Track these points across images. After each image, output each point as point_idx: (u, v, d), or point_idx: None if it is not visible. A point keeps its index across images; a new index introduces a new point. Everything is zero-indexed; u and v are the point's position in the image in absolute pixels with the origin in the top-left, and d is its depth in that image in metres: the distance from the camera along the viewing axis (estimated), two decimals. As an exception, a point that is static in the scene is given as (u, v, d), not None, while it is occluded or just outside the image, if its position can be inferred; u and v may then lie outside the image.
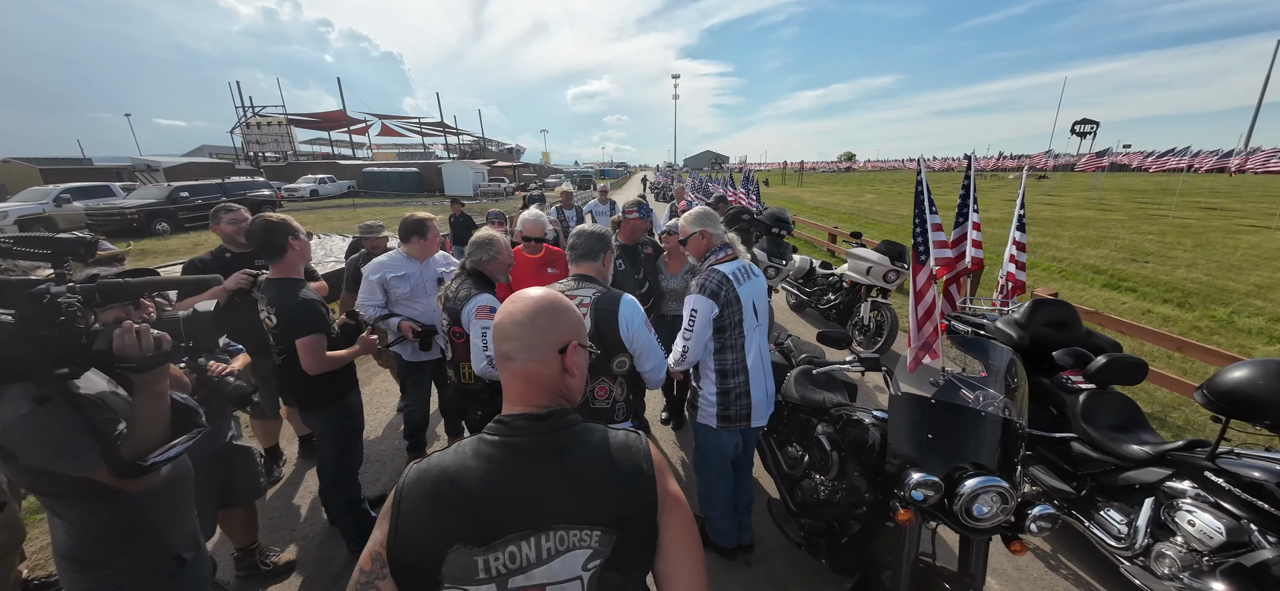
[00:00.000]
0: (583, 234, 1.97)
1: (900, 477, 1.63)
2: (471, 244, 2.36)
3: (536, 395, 0.85)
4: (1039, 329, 2.92)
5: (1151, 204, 21.86)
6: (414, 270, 2.84)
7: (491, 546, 0.75)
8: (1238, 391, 1.80)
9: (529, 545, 0.76)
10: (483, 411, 2.37)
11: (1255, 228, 14.68)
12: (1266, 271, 9.17)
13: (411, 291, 2.82)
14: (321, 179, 33.12)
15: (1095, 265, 9.88)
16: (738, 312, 2.04)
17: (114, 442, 1.14)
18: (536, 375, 0.85)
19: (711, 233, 2.20)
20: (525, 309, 0.87)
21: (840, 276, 5.81)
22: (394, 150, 67.82)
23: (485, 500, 0.76)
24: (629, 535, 0.81)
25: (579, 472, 0.81)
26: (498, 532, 0.76)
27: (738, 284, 2.06)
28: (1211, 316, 6.76)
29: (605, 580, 0.80)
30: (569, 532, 0.78)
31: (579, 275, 1.92)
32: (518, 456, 0.80)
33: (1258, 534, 1.71)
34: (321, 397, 2.26)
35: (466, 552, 0.74)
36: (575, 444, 0.83)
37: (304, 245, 2.22)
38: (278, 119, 46.11)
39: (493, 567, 0.75)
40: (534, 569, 0.76)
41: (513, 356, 0.85)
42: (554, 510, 0.78)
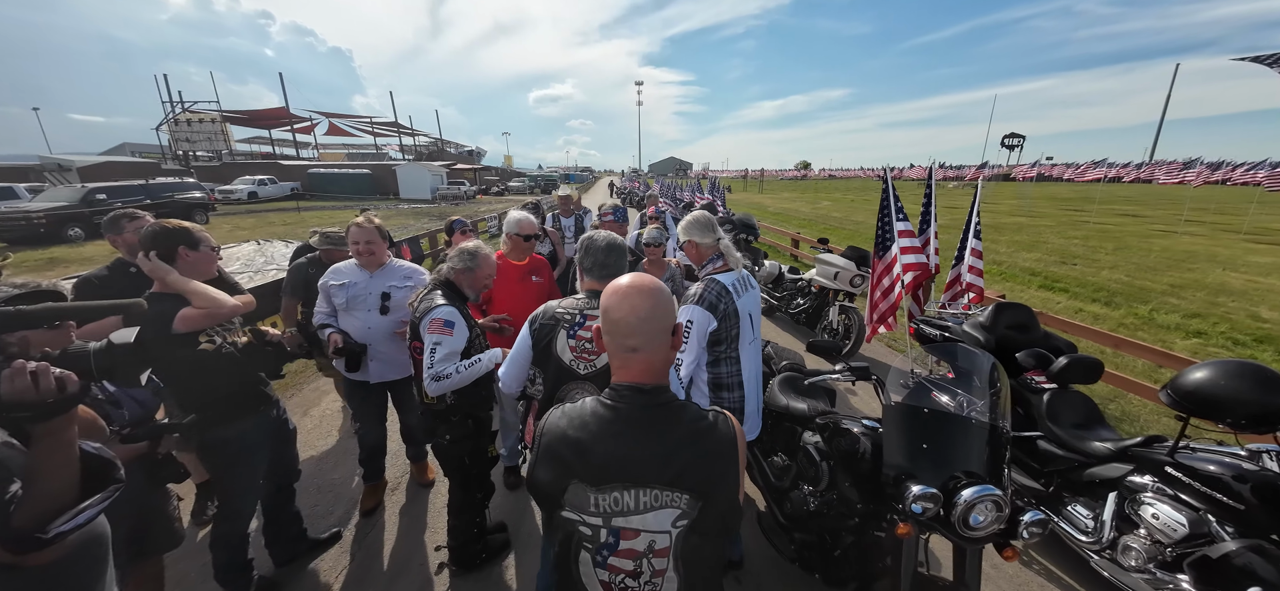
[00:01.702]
0: (611, 249, 1.77)
1: (897, 490, 1.61)
2: (455, 251, 2.18)
3: (648, 375, 0.99)
4: (1003, 332, 3.05)
5: (1075, 211, 23.93)
6: (358, 279, 2.58)
7: (601, 488, 0.93)
8: (1200, 391, 1.91)
9: (629, 495, 0.93)
10: (452, 436, 2.17)
11: (1165, 232, 16.34)
12: (1177, 272, 10.18)
13: (348, 302, 2.56)
14: (261, 180, 30.85)
15: (1031, 268, 10.64)
16: (736, 326, 1.96)
17: (6, 508, 0.93)
18: (653, 361, 0.99)
19: (700, 242, 2.12)
20: (642, 304, 0.98)
21: (809, 281, 5.93)
22: (343, 151, 64.38)
23: (596, 452, 0.94)
24: (712, 505, 0.95)
25: (674, 444, 0.95)
26: (606, 478, 0.93)
27: (737, 296, 1.98)
28: (1135, 314, 7.40)
29: (689, 540, 0.95)
30: (661, 493, 0.93)
31: (597, 292, 1.72)
32: (624, 421, 0.95)
33: (1216, 525, 1.82)
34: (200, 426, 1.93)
35: (582, 488, 0.93)
36: (672, 418, 0.97)
37: (202, 258, 1.94)
38: (211, 115, 42.67)
39: (601, 505, 0.93)
40: (632, 516, 0.93)
41: (639, 348, 0.98)
42: (650, 471, 0.93)
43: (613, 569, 0.95)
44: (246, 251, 12.20)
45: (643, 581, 0.95)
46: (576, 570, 0.97)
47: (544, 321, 1.66)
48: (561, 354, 1.61)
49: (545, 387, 1.67)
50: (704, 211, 2.26)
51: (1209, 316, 7.14)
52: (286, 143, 55.32)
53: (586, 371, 1.60)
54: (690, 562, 0.96)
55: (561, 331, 1.62)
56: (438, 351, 1.92)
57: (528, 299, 2.74)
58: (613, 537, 0.94)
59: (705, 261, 2.14)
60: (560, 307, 1.67)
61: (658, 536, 0.93)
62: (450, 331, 1.94)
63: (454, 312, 1.99)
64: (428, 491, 3.11)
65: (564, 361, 1.61)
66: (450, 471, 2.29)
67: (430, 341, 1.93)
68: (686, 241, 2.15)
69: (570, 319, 1.63)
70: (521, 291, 2.86)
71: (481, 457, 2.28)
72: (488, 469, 2.35)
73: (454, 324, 1.96)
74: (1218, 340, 6.26)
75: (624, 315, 0.97)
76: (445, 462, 2.28)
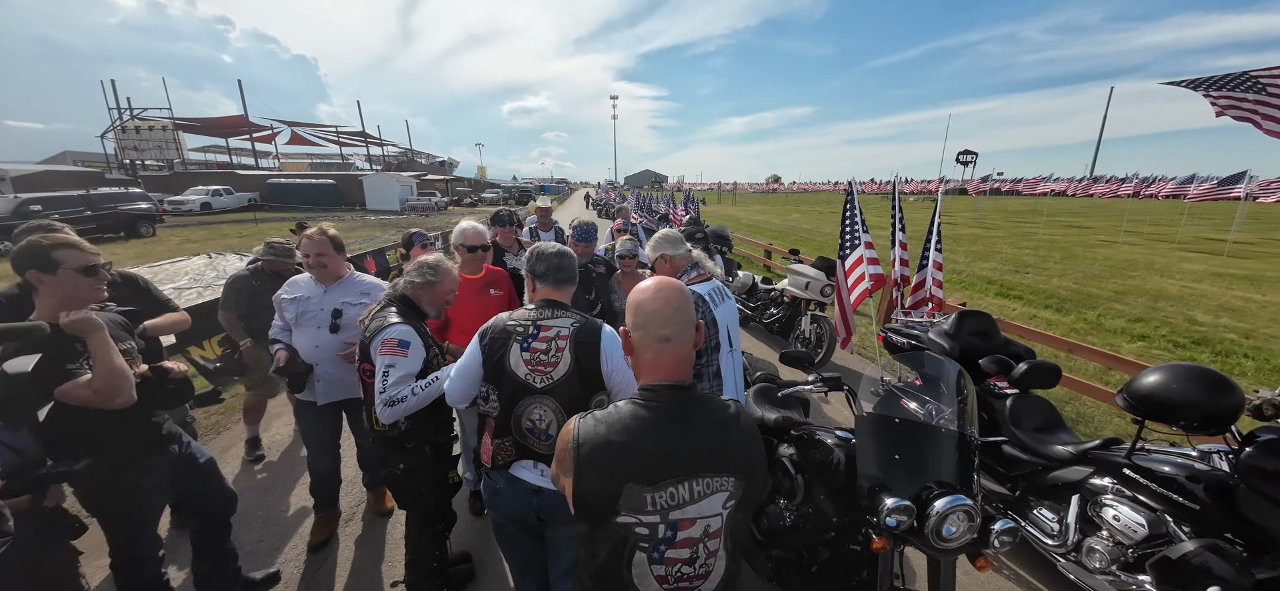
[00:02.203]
0: (555, 255, 1.70)
1: (871, 502, 1.58)
2: (413, 265, 2.03)
3: (681, 370, 1.06)
4: (966, 339, 3.12)
5: (1025, 223, 25.35)
6: (311, 294, 2.42)
7: (656, 486, 0.97)
8: (1154, 395, 1.98)
9: (683, 487, 0.98)
10: (407, 465, 2.00)
11: (1107, 243, 17.44)
12: (1120, 279, 10.84)
13: (298, 317, 2.41)
14: (216, 190, 29.38)
15: (987, 276, 11.14)
16: (714, 337, 1.91)
17: None
18: (684, 353, 1.06)
19: (673, 255, 2.08)
20: (673, 295, 1.07)
21: (781, 291, 6.00)
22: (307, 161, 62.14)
23: (645, 451, 0.98)
24: (752, 482, 1.05)
25: (715, 431, 1.03)
26: (661, 475, 0.97)
27: (714, 306, 1.94)
28: (1084, 319, 7.80)
29: (736, 518, 1.04)
30: (713, 478, 1.00)
31: (550, 301, 1.65)
32: (668, 418, 1.01)
33: (1174, 525, 1.87)
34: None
35: (637, 489, 0.96)
36: (705, 409, 1.05)
37: (64, 283, 1.63)
38: (162, 123, 40.51)
39: (658, 501, 0.97)
40: (687, 506, 0.98)
41: (673, 338, 1.05)
42: (700, 460, 1.00)
43: (669, 562, 0.99)
44: (196, 265, 11.52)
45: (697, 566, 1.01)
46: (628, 574, 0.99)
47: (494, 335, 1.57)
48: (515, 368, 1.53)
49: (500, 405, 1.57)
50: (670, 228, 2.23)
51: (1150, 320, 7.60)
52: (245, 152, 53.00)
53: (542, 385, 1.52)
54: (735, 537, 1.05)
55: (514, 345, 1.54)
56: (391, 374, 1.76)
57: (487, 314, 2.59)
58: (670, 531, 0.98)
59: (681, 274, 2.09)
60: (511, 320, 1.59)
61: (712, 520, 1.00)
62: (405, 352, 1.80)
63: (410, 331, 1.86)
64: (386, 521, 2.91)
65: (519, 376, 1.53)
66: (407, 503, 2.13)
67: (382, 363, 1.78)
68: (659, 257, 2.09)
69: (523, 331, 1.56)
70: (479, 307, 2.68)
71: (441, 486, 2.12)
72: (448, 497, 2.19)
73: (409, 344, 1.83)
74: (1160, 343, 6.66)
75: (659, 306, 1.05)
76: (401, 494, 2.12)
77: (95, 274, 1.73)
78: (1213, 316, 7.89)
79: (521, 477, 1.57)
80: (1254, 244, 17.06)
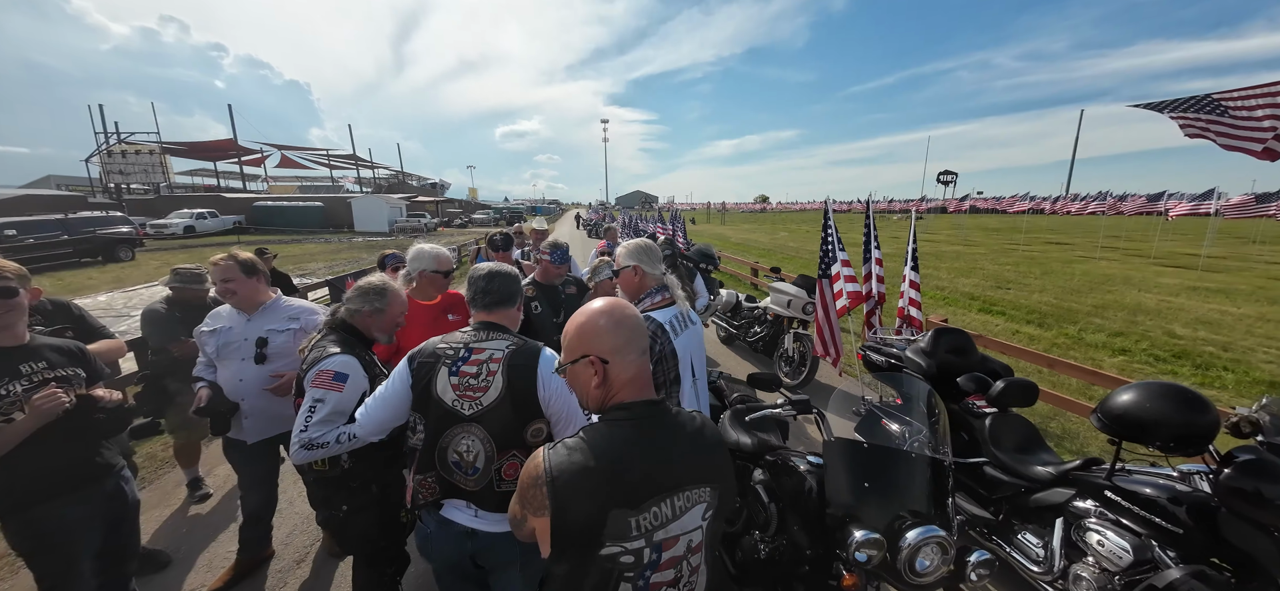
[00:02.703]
0: (493, 276, 1.61)
1: (841, 534, 1.50)
2: (356, 290, 1.88)
3: (648, 386, 1.05)
4: (943, 357, 3.07)
5: (1005, 240, 25.83)
6: (233, 324, 2.25)
7: (640, 508, 0.93)
8: (1128, 415, 1.92)
9: (665, 505, 0.95)
10: (350, 505, 1.84)
11: (1085, 258, 17.78)
12: (1099, 294, 10.99)
13: (218, 351, 2.24)
14: (199, 213, 29.01)
15: (970, 293, 11.24)
16: (673, 369, 1.75)
17: None
18: (647, 368, 1.05)
19: (647, 271, 1.94)
20: (631, 313, 1.06)
21: (764, 309, 5.96)
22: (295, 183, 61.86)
23: (630, 472, 0.94)
24: (725, 489, 1.05)
25: (690, 443, 1.02)
26: (643, 497, 0.93)
27: (674, 335, 1.79)
28: (1065, 334, 7.85)
29: (713, 526, 1.03)
30: (693, 490, 0.99)
31: (487, 323, 1.55)
32: (646, 434, 0.98)
33: (1159, 551, 1.79)
34: None
35: (622, 514, 0.91)
36: (678, 422, 1.03)
37: None
38: (149, 147, 40.14)
39: (642, 525, 0.93)
40: (670, 524, 0.95)
41: (646, 351, 1.05)
42: (681, 474, 0.98)
43: (654, 586, 0.95)
44: (172, 290, 11.22)
45: (681, 585, 0.98)
46: None
47: (423, 358, 1.47)
48: (442, 394, 1.42)
49: (426, 435, 1.45)
50: (649, 239, 2.11)
51: (1131, 334, 7.67)
52: (232, 175, 52.63)
53: (471, 412, 1.41)
54: (712, 547, 1.05)
55: (442, 368, 1.44)
56: (317, 410, 1.56)
57: None
58: (656, 554, 0.94)
59: (646, 295, 1.97)
60: (442, 343, 1.50)
61: (694, 534, 0.99)
62: (340, 386, 1.62)
63: (350, 363, 1.69)
64: (340, 563, 2.71)
65: (446, 402, 1.42)
66: (351, 547, 1.98)
67: (310, 397, 1.59)
68: (631, 267, 1.95)
69: (453, 354, 1.46)
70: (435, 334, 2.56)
71: (392, 527, 1.96)
72: (401, 539, 2.04)
73: (347, 376, 1.65)
74: (1141, 357, 6.70)
75: (623, 318, 1.04)
76: (344, 538, 1.97)
77: (11, 297, 1.71)
78: (1191, 329, 7.99)
79: (452, 519, 1.45)
80: (1225, 258, 17.49)
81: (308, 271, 15.28)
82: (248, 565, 2.62)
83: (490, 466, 1.42)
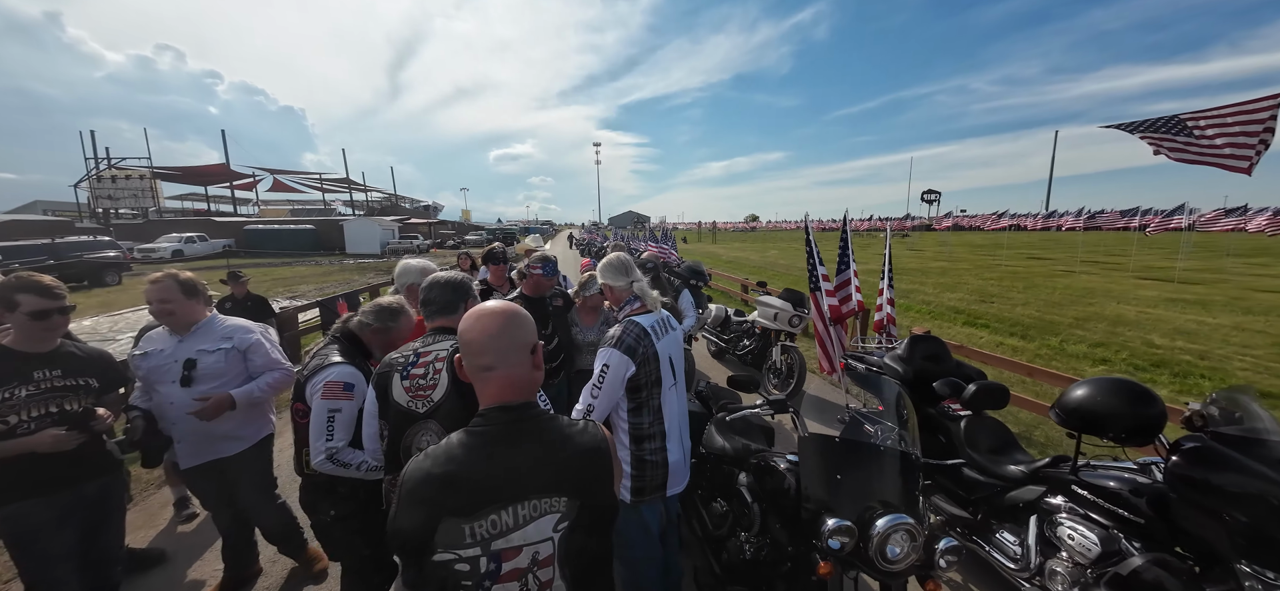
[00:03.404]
0: (436, 286, 1.73)
1: (815, 525, 1.57)
2: (372, 306, 2.00)
3: (513, 393, 1.01)
4: (919, 363, 3.17)
5: (988, 255, 26.34)
6: (164, 346, 2.15)
7: (474, 516, 0.91)
8: (1082, 409, 2.02)
9: (507, 513, 0.93)
10: (337, 511, 1.91)
11: (1066, 272, 18.18)
12: (1080, 307, 11.25)
13: (148, 374, 2.14)
14: (189, 237, 28.85)
15: (955, 306, 11.45)
16: (655, 370, 1.87)
17: None
18: (514, 377, 1.01)
19: (614, 284, 2.07)
20: (494, 323, 1.01)
21: (752, 323, 6.07)
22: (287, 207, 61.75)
23: (469, 479, 0.92)
24: (591, 501, 1.00)
25: (548, 449, 0.99)
26: (480, 505, 0.92)
27: (656, 339, 1.91)
28: (1047, 345, 8.02)
29: (573, 541, 0.98)
30: (541, 500, 0.95)
31: (436, 329, 1.68)
32: (496, 441, 0.96)
33: (1125, 541, 1.86)
34: None
35: (454, 522, 0.90)
36: (541, 428, 1.01)
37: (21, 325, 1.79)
38: (139, 172, 40.03)
39: (477, 533, 0.91)
40: (511, 533, 0.93)
41: (494, 366, 1.00)
42: (527, 482, 0.95)
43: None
44: (159, 313, 11.14)
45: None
46: None
47: (381, 371, 1.60)
48: (398, 398, 1.55)
49: (389, 437, 1.57)
50: (619, 254, 2.24)
51: (1111, 345, 7.86)
52: (224, 199, 52.44)
53: (424, 409, 1.53)
54: (577, 563, 0.99)
55: (396, 376, 1.56)
56: (335, 421, 1.71)
57: None
58: (494, 563, 0.93)
59: (622, 305, 2.10)
60: (396, 354, 1.62)
61: (541, 546, 0.96)
62: (350, 396, 1.76)
63: (354, 373, 1.81)
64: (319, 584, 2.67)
65: (401, 404, 1.55)
66: (338, 555, 2.01)
67: (324, 408, 1.71)
68: (603, 285, 2.11)
69: (403, 361, 1.58)
70: None
71: (378, 535, 2.01)
72: (386, 548, 2.09)
73: (354, 386, 1.79)
74: (1122, 366, 6.86)
75: (476, 335, 1.00)
76: (331, 545, 2.00)
77: (45, 319, 1.84)
78: (1169, 339, 8.20)
79: None
80: (1201, 270, 17.98)
81: (298, 294, 15.21)
82: (234, 583, 2.60)
83: None
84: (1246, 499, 1.55)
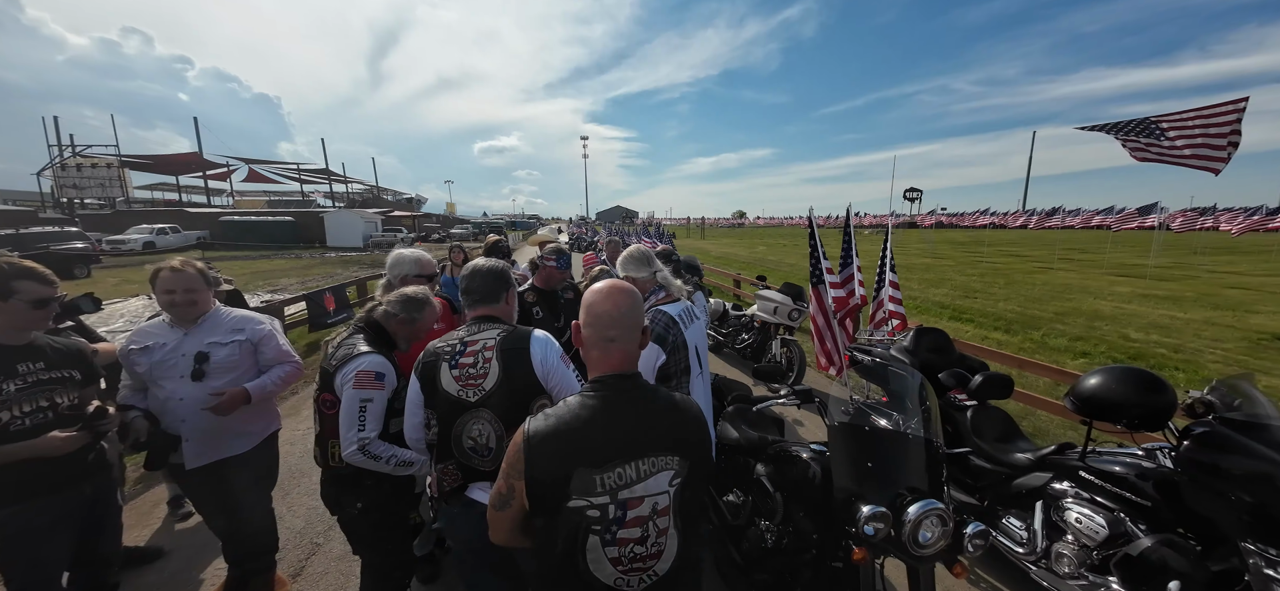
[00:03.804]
0: (478, 274, 1.70)
1: (848, 513, 1.58)
2: (399, 295, 1.96)
3: (628, 365, 1.15)
4: (925, 355, 3.24)
5: (970, 252, 27.02)
6: (167, 340, 2.02)
7: (604, 467, 1.04)
8: (1096, 397, 2.09)
9: (630, 467, 1.06)
10: (363, 503, 1.87)
11: (1044, 268, 18.76)
12: (1059, 302, 11.61)
13: (152, 369, 1.99)
14: (160, 228, 27.83)
15: (940, 301, 11.72)
16: (684, 358, 1.88)
17: None
18: (630, 353, 1.16)
19: (636, 277, 2.07)
20: (625, 301, 1.15)
21: (751, 316, 6.11)
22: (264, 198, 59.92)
23: (594, 435, 1.06)
24: (697, 461, 1.14)
25: (658, 415, 1.13)
26: (608, 457, 1.05)
27: (684, 327, 1.92)
28: (1030, 339, 8.27)
29: (683, 494, 1.11)
30: (658, 458, 1.08)
31: (479, 317, 1.66)
32: (613, 405, 1.09)
33: (1131, 524, 1.95)
34: None
35: (587, 472, 1.04)
36: (650, 397, 1.16)
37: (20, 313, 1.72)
38: (106, 160, 38.35)
39: (606, 483, 1.04)
40: (635, 485, 1.06)
41: (618, 339, 1.13)
42: (645, 441, 1.08)
43: (621, 542, 1.05)
44: (135, 306, 10.77)
45: (649, 545, 1.07)
46: (583, 560, 1.04)
47: (426, 360, 1.59)
48: (448, 387, 1.54)
49: (439, 427, 1.56)
50: (639, 246, 2.24)
51: (1089, 338, 8.13)
52: (196, 189, 50.62)
53: (475, 398, 1.52)
54: (685, 514, 1.12)
55: (443, 364, 1.55)
56: (367, 411, 1.69)
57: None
58: (620, 511, 1.04)
59: (646, 295, 2.09)
60: (440, 343, 1.61)
61: (659, 498, 1.07)
62: (381, 385, 1.74)
63: (383, 363, 1.78)
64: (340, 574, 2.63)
65: (451, 393, 1.53)
66: (364, 548, 1.97)
67: (356, 397, 1.68)
68: (625, 278, 2.11)
69: (451, 350, 1.57)
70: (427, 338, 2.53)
71: (402, 527, 1.99)
72: (408, 541, 2.06)
73: (384, 375, 1.76)
74: (1100, 358, 7.11)
75: (608, 310, 1.13)
76: (357, 539, 1.96)
77: (45, 307, 1.77)
78: (1144, 333, 8.52)
79: (478, 500, 1.53)
80: (1172, 267, 18.72)
81: (279, 287, 14.80)
82: (237, 582, 2.52)
83: (502, 446, 1.51)
84: (1255, 480, 1.62)
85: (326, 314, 8.62)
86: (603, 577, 1.05)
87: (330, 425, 1.81)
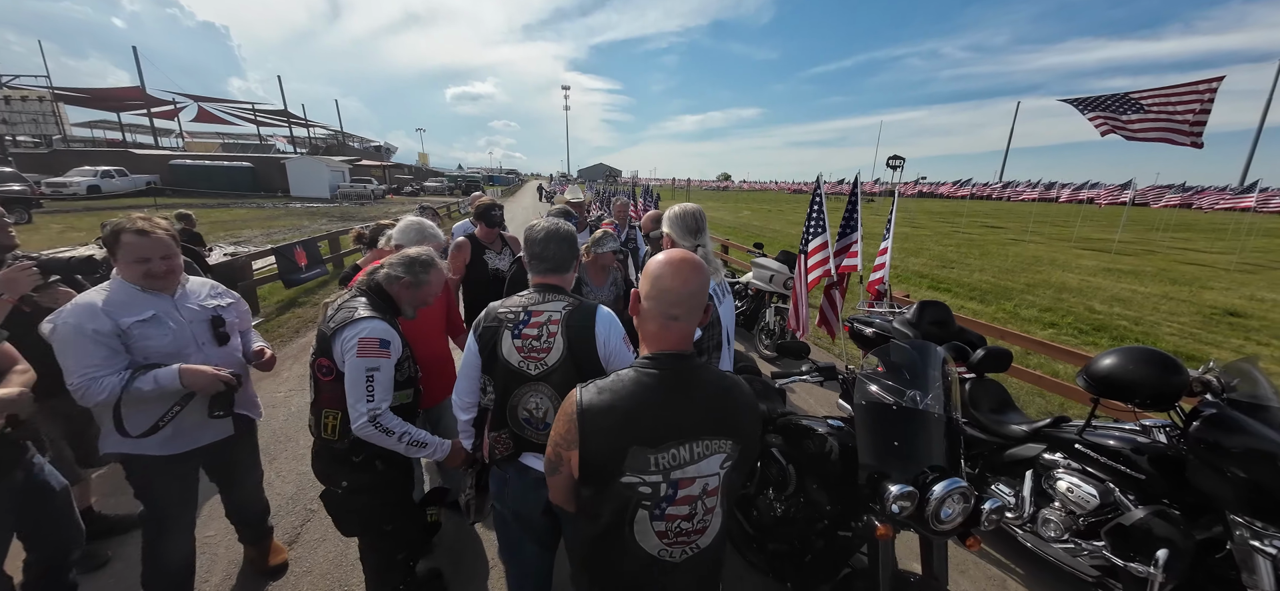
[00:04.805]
0: (554, 239, 1.57)
1: (874, 491, 1.59)
2: (402, 257, 1.80)
3: (684, 342, 1.11)
4: (927, 327, 3.28)
5: (947, 223, 27.66)
6: (157, 308, 1.74)
7: (658, 447, 1.03)
8: (1111, 376, 2.15)
9: (683, 449, 1.05)
10: (350, 483, 1.76)
11: (1016, 241, 19.39)
12: (1030, 274, 12.06)
13: (167, 346, 1.73)
14: (106, 171, 25.77)
15: (919, 271, 12.01)
16: (718, 334, 1.85)
17: None
18: (690, 332, 1.12)
19: (676, 240, 2.00)
20: (694, 279, 1.09)
21: (745, 284, 6.09)
22: (217, 141, 55.88)
23: (648, 415, 1.04)
24: (748, 446, 1.14)
25: (714, 398, 1.10)
26: (662, 437, 1.04)
27: (718, 302, 1.88)
28: (1003, 309, 8.59)
29: (731, 478, 1.12)
30: (712, 441, 1.07)
31: (542, 286, 1.57)
32: (668, 385, 1.06)
33: (1121, 495, 2.04)
34: None
35: (641, 451, 1.03)
36: (705, 378, 1.11)
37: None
38: (38, 92, 34.78)
39: (660, 463, 1.03)
40: (687, 466, 1.05)
41: (681, 318, 1.09)
42: (701, 424, 1.07)
43: (670, 518, 1.06)
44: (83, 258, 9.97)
45: (696, 522, 1.08)
46: (630, 532, 1.06)
47: (487, 324, 1.52)
48: (508, 357, 1.48)
49: (496, 395, 1.50)
50: (691, 206, 2.15)
51: (1057, 310, 8.50)
52: (142, 129, 46.74)
53: (537, 372, 1.45)
54: (730, 495, 1.14)
55: (505, 332, 1.49)
56: (376, 381, 1.59)
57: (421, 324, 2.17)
58: (671, 489, 1.04)
59: None
60: (503, 308, 1.53)
61: (710, 479, 1.07)
62: (387, 353, 1.63)
63: (387, 329, 1.66)
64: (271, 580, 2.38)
65: (512, 364, 1.47)
66: (351, 529, 1.88)
67: (362, 366, 1.57)
68: (666, 235, 2.01)
69: (514, 318, 1.50)
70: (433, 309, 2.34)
71: (400, 510, 1.90)
72: (410, 523, 1.96)
73: (390, 343, 1.65)
74: (1067, 329, 7.45)
75: (677, 286, 1.07)
76: (341, 518, 1.84)
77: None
78: (1107, 306, 8.96)
79: (532, 466, 1.50)
80: (1134, 243, 19.63)
81: (243, 239, 14.02)
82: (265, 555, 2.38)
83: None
84: (1256, 459, 1.69)
85: (298, 269, 8.20)
86: (647, 547, 1.07)
87: (325, 393, 1.69)
